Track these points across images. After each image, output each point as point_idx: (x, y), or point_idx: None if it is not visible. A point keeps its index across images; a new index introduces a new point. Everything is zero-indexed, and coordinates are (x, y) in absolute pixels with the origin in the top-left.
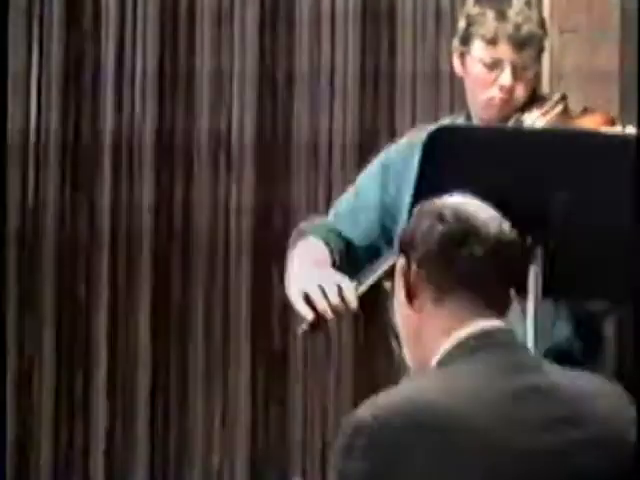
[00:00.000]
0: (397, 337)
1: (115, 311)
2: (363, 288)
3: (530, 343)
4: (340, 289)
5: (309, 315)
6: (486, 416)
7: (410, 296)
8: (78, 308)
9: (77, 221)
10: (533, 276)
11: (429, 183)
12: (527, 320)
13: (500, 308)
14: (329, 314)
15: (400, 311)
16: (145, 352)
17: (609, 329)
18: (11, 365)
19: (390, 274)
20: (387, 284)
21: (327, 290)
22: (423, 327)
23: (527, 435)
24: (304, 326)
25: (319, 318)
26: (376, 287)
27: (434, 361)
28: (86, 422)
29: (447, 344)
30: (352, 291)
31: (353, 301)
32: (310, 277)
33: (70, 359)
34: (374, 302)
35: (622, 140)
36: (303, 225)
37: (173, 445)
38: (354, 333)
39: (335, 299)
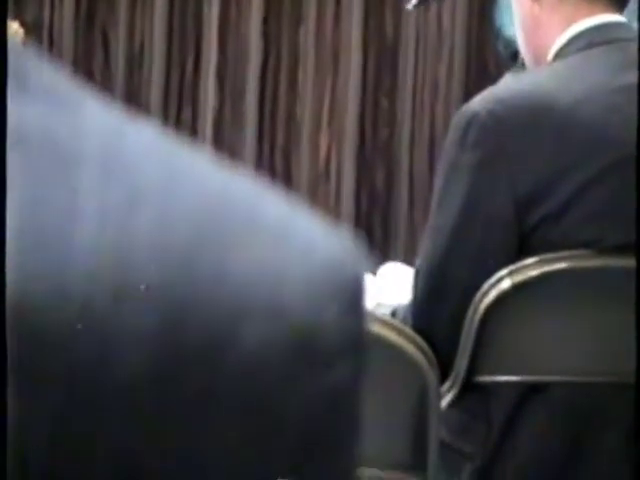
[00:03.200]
0: (506, 43)
1: None
2: None
3: None
4: None
5: None
6: (600, 109)
7: None
8: None
9: None
10: None
11: None
12: None
13: (620, 2)
14: None
15: (519, 7)
16: (256, 34)
17: None
18: (121, 48)
19: None
20: None
21: None
22: (543, 21)
23: None
24: (414, 0)
25: None
26: None
27: (551, 55)
28: (195, 104)
29: (565, 36)
30: None
31: None
32: None
33: (181, 43)
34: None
35: None
36: None
37: (281, 130)
38: (466, 26)
39: None
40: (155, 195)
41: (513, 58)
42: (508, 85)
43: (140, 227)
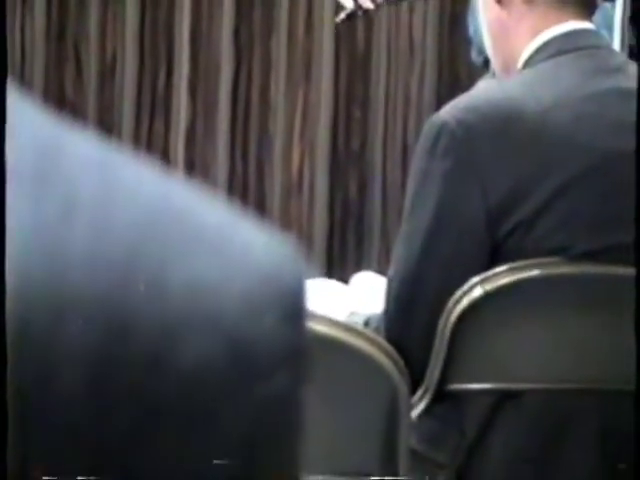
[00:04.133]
0: (479, 49)
1: (199, 7)
2: None
3: (617, 46)
4: None
5: (348, 3)
6: (570, 117)
7: None
8: (161, 4)
9: None
10: None
11: None
12: (615, 22)
13: (589, 9)
14: (368, 3)
15: (487, 15)
16: (227, 46)
17: None
18: (93, 61)
19: None
20: None
21: None
22: (511, 28)
23: (611, 136)
24: (342, 15)
25: (358, 7)
26: None
27: (520, 62)
28: (167, 117)
29: (535, 44)
30: None
31: None
32: None
33: (153, 55)
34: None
35: None
36: None
37: (253, 142)
38: (438, 36)
39: None
40: (91, 206)
41: (486, 65)
42: (478, 94)
43: (75, 239)
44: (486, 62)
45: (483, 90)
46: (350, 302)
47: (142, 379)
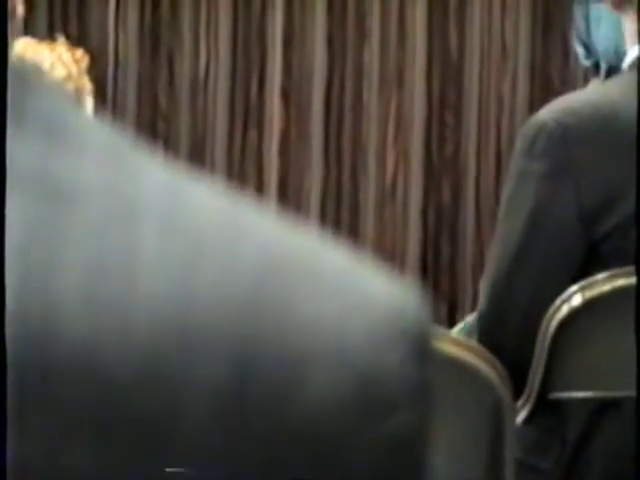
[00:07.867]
0: (583, 44)
1: (291, 14)
2: None
3: None
4: None
5: None
6: None
7: None
8: (254, 8)
9: None
10: None
11: None
12: None
13: None
14: None
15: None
16: (321, 54)
17: None
18: (186, 71)
19: None
20: None
21: None
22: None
23: None
24: None
25: None
26: None
27: (625, 64)
28: (260, 125)
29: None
30: None
31: None
32: None
33: (246, 63)
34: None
35: None
36: None
37: (347, 149)
38: (531, 40)
39: None
40: (217, 250)
41: (596, 68)
42: (577, 96)
43: (203, 279)
44: (596, 65)
45: (582, 92)
46: None
47: (267, 413)
